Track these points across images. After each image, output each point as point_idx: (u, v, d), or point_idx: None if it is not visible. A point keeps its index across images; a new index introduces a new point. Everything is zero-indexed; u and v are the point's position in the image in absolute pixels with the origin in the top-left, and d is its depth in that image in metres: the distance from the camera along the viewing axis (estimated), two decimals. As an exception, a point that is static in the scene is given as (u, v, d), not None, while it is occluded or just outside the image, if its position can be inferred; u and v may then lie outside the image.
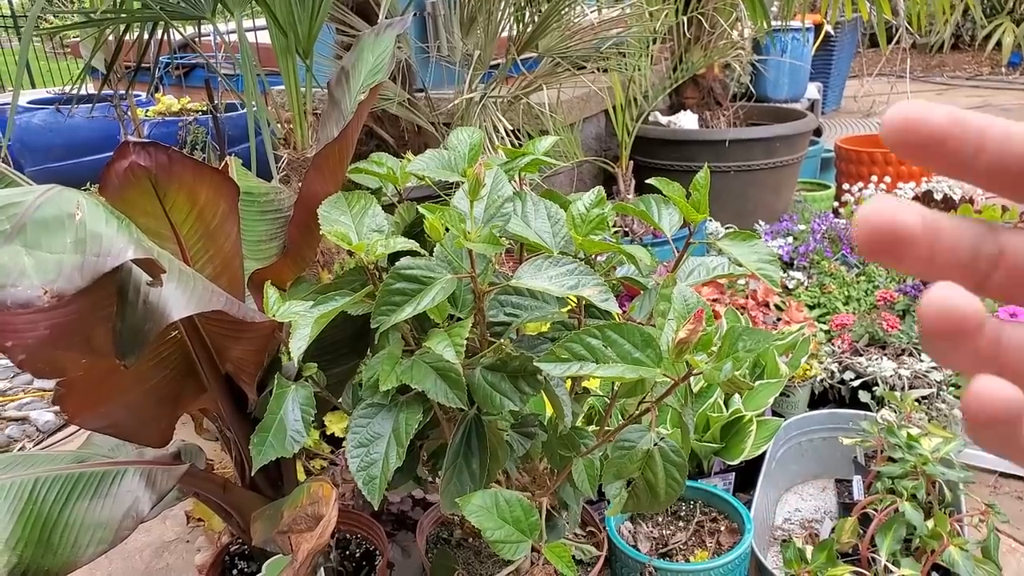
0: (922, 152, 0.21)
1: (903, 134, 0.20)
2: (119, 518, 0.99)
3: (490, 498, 0.95)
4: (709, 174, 1.01)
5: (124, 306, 0.59)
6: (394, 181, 1.05)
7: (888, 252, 0.21)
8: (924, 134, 0.20)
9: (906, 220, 0.20)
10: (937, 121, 0.20)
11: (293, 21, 1.48)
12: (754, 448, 1.56)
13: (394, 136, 2.11)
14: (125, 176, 0.85)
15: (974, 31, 7.38)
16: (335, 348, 1.15)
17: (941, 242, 0.21)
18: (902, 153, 0.21)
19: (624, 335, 0.80)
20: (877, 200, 0.21)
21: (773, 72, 4.47)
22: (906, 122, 0.20)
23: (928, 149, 0.20)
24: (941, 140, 0.20)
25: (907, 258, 0.21)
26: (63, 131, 3.39)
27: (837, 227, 2.59)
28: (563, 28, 2.01)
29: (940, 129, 0.20)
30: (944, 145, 0.20)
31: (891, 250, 0.21)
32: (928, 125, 0.20)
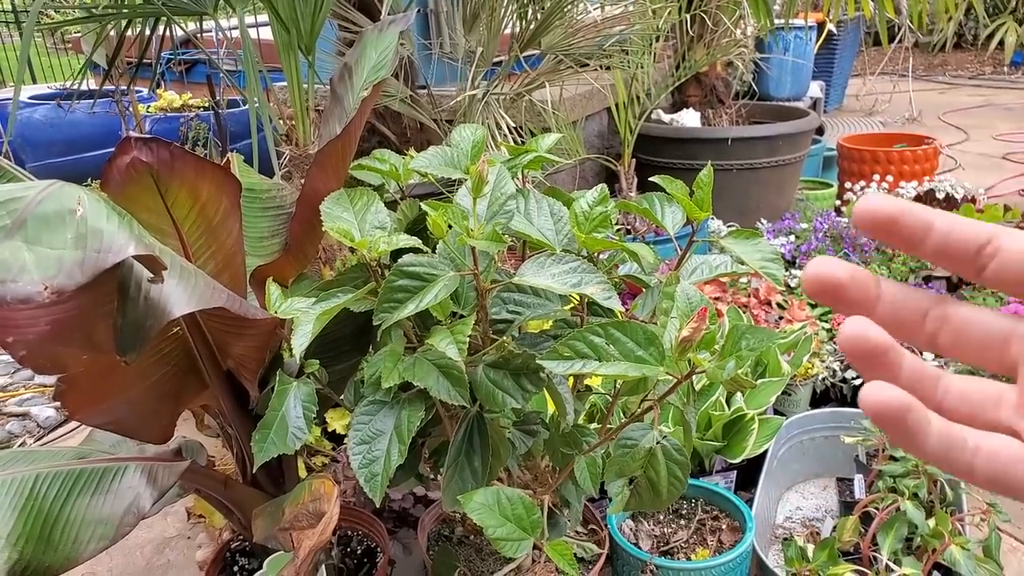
0: (881, 233, 0.27)
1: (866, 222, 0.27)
2: (120, 514, 0.99)
3: (492, 496, 0.95)
4: (712, 172, 1.01)
5: (125, 302, 0.59)
6: (396, 178, 1.05)
7: (824, 297, 0.27)
8: (881, 220, 0.27)
9: (835, 273, 0.27)
10: (889, 211, 0.26)
11: (296, 17, 1.47)
12: (756, 446, 1.56)
13: (396, 133, 2.11)
14: (127, 172, 0.85)
15: (977, 30, 7.37)
16: (337, 345, 1.15)
17: (883, 301, 0.27)
18: (869, 233, 0.27)
19: (627, 333, 0.80)
20: (819, 258, 0.27)
21: (776, 70, 4.46)
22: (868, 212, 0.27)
23: (885, 231, 0.27)
24: (893, 226, 0.26)
25: (844, 306, 0.27)
26: (64, 127, 3.38)
27: (839, 226, 2.59)
28: (566, 25, 2.01)
29: (892, 217, 0.26)
30: (897, 228, 0.26)
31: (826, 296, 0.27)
32: (883, 214, 0.26)
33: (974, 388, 0.27)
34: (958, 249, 0.26)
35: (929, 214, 0.26)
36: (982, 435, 0.26)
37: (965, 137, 4.91)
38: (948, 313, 0.27)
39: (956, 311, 0.27)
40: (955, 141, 4.78)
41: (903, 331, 0.28)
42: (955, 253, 0.26)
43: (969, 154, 4.51)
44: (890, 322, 0.27)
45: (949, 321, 0.27)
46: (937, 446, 0.25)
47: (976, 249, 0.26)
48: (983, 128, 5.09)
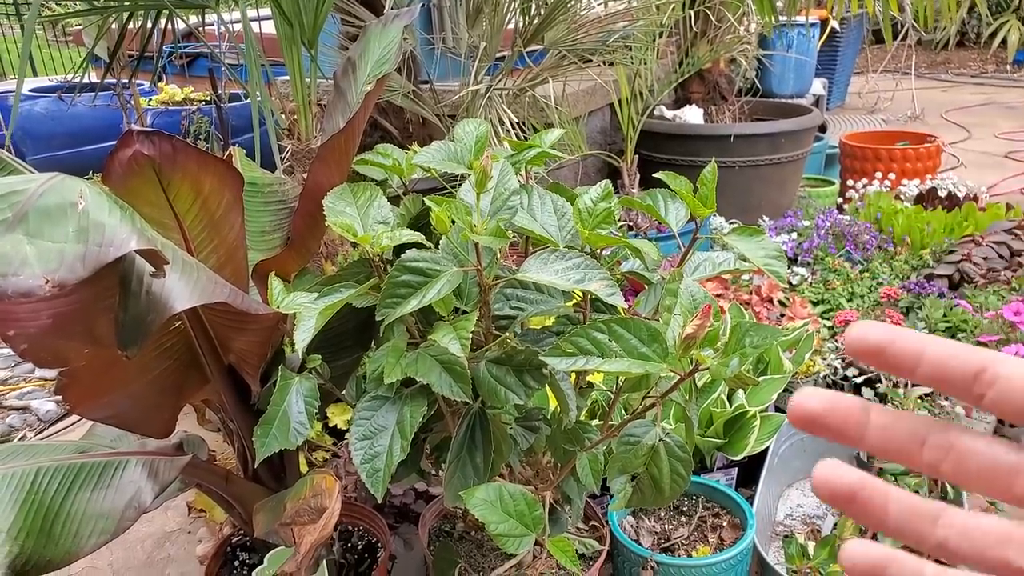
0: (872, 361, 0.27)
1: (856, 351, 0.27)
2: (121, 508, 0.98)
3: (494, 492, 0.95)
4: (716, 169, 1.00)
5: (127, 297, 0.59)
6: (400, 173, 1.05)
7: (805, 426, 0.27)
8: (871, 350, 0.27)
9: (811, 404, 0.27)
10: (877, 341, 0.26)
11: (298, 11, 1.47)
12: (757, 444, 1.56)
13: (398, 128, 2.10)
14: (129, 165, 0.85)
15: (979, 28, 7.35)
16: (339, 340, 1.14)
17: (872, 429, 0.27)
18: (861, 360, 0.27)
19: (630, 330, 0.79)
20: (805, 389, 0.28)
21: (778, 67, 4.45)
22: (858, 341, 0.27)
23: (875, 360, 0.27)
24: (882, 356, 0.27)
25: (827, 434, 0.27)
26: (65, 119, 3.38)
27: (841, 223, 2.58)
28: (569, 21, 2.00)
29: (880, 347, 0.26)
30: (886, 357, 0.27)
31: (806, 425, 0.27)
32: (872, 343, 0.27)
33: (978, 525, 0.26)
34: (952, 378, 0.26)
35: (920, 342, 0.26)
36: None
37: (967, 135, 4.90)
38: (951, 442, 0.26)
39: (960, 440, 0.26)
40: (957, 139, 4.77)
41: (899, 458, 0.27)
42: (950, 381, 0.26)
43: (971, 152, 4.50)
44: (883, 450, 0.27)
45: (952, 451, 0.26)
46: None
47: (972, 377, 0.26)
48: (985, 126, 5.08)
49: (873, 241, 2.50)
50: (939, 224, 2.53)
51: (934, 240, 2.49)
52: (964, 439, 0.26)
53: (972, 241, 2.35)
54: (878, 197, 2.80)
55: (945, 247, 2.42)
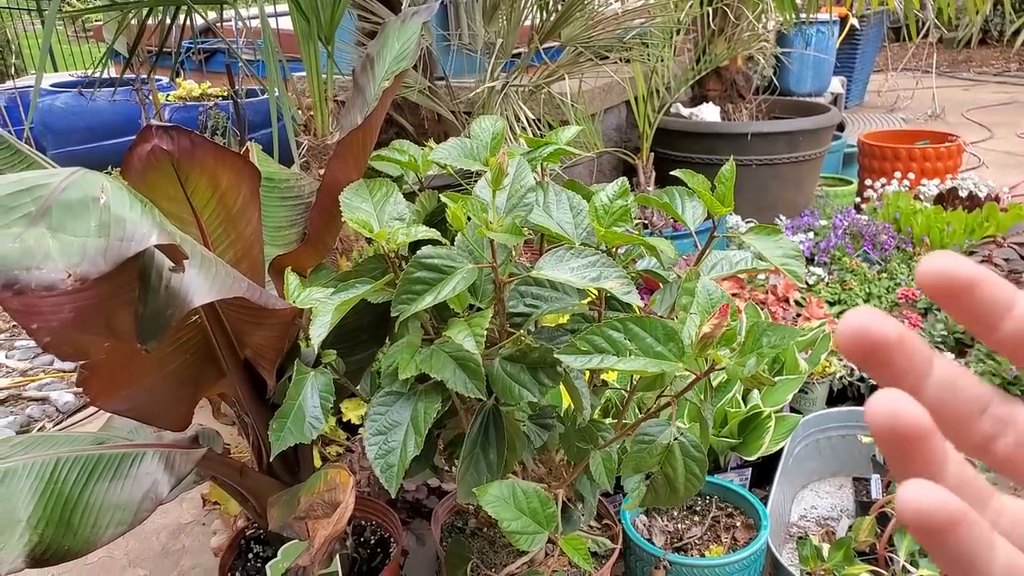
0: (952, 301, 0.21)
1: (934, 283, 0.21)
2: (138, 500, 0.99)
3: (507, 489, 0.95)
4: (735, 168, 0.99)
5: (146, 291, 0.59)
6: (416, 169, 1.05)
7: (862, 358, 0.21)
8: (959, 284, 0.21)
9: (883, 330, 0.21)
10: (968, 276, 0.21)
11: (316, 7, 1.47)
12: (772, 444, 1.55)
13: (414, 124, 2.11)
14: (147, 160, 0.85)
15: (1003, 26, 7.24)
16: (354, 336, 1.15)
17: (934, 380, 0.21)
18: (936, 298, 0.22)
19: (646, 328, 0.79)
20: (864, 309, 0.21)
21: (797, 65, 4.41)
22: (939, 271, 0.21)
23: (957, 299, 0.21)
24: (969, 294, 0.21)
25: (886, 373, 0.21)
26: (85, 114, 3.41)
27: (859, 223, 2.56)
28: (586, 17, 1.99)
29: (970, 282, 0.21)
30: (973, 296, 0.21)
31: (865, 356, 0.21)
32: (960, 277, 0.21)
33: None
34: None
35: (1014, 291, 0.21)
36: None
37: (989, 135, 4.84)
38: (1016, 415, 0.22)
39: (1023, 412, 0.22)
40: (979, 139, 4.71)
41: (952, 425, 0.22)
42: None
43: (993, 152, 4.44)
44: (938, 409, 0.22)
45: (1015, 425, 0.22)
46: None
47: None
48: (1008, 126, 5.01)
49: (891, 241, 2.47)
50: (959, 225, 2.50)
51: (954, 241, 2.46)
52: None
53: (993, 242, 2.32)
54: (897, 197, 2.77)
55: (965, 248, 2.39)
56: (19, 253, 0.52)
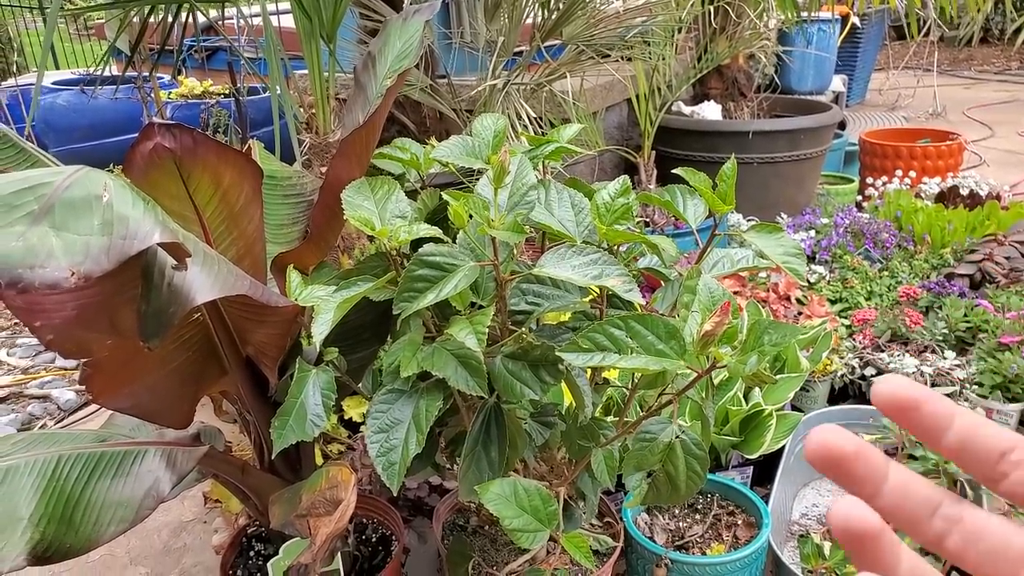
0: (901, 418, 0.26)
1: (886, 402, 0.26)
2: (140, 497, 1.00)
3: (509, 486, 0.95)
4: (736, 166, 0.99)
5: (149, 289, 0.59)
6: (417, 167, 1.05)
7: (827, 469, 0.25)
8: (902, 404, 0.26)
9: (841, 446, 0.25)
10: (913, 396, 0.25)
11: (318, 5, 1.47)
12: (773, 442, 1.55)
13: (416, 122, 2.11)
14: (150, 157, 0.85)
15: (1004, 24, 7.23)
16: (356, 333, 1.15)
17: (890, 485, 0.26)
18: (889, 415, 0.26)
19: (648, 326, 0.79)
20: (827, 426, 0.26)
21: (798, 63, 4.41)
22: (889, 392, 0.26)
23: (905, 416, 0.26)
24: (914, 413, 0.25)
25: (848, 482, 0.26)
26: (87, 112, 3.41)
27: (860, 221, 2.56)
28: (588, 16, 1.99)
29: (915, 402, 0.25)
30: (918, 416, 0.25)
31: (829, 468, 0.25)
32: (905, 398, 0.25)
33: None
34: (979, 451, 0.25)
35: (952, 408, 0.25)
36: None
37: (990, 133, 4.83)
38: (963, 515, 0.25)
39: (973, 514, 0.25)
40: (980, 137, 4.71)
41: (908, 524, 0.26)
42: (975, 454, 0.25)
43: (994, 150, 4.44)
44: (894, 511, 0.26)
45: (962, 524, 0.25)
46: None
47: (999, 455, 0.25)
48: (1009, 124, 5.01)
49: (892, 240, 2.47)
50: (960, 223, 2.50)
51: (955, 239, 2.46)
52: (977, 514, 0.25)
53: (994, 240, 2.32)
54: (898, 195, 2.77)
55: (966, 246, 2.39)
56: (22, 251, 0.52)
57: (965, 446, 0.25)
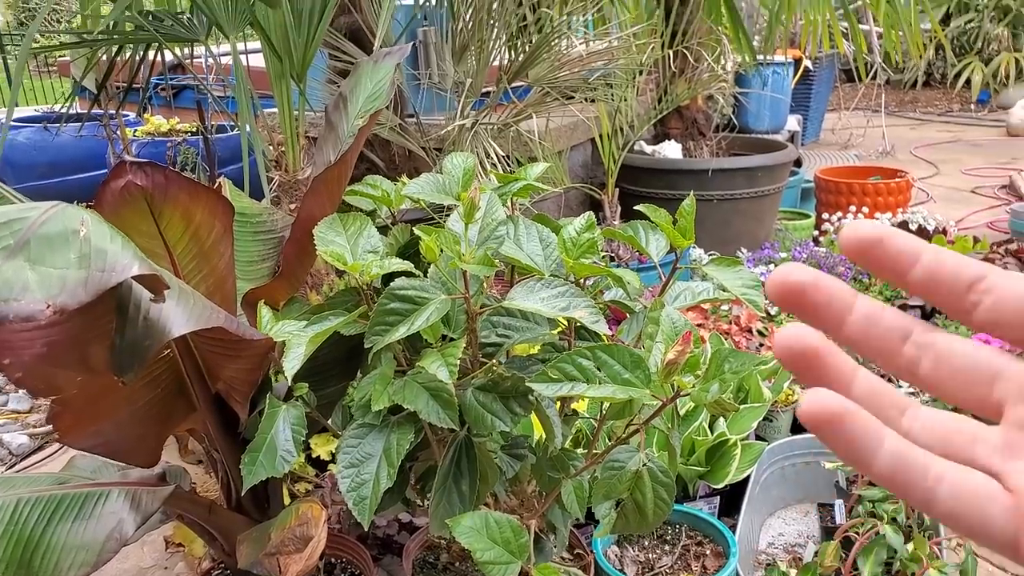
0: (867, 258, 0.25)
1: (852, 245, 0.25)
2: (102, 540, 0.98)
3: (480, 519, 0.95)
4: (695, 201, 1.03)
5: (124, 323, 0.60)
6: (388, 203, 1.07)
7: (786, 302, 0.25)
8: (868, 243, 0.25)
9: (798, 276, 0.25)
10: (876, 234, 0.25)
11: (289, 46, 1.50)
12: (738, 472, 1.58)
13: (385, 160, 2.13)
14: (121, 195, 0.86)
15: (945, 69, 7.61)
16: (325, 369, 1.15)
17: (856, 314, 0.25)
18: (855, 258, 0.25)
19: (614, 356, 0.81)
20: (787, 264, 0.25)
21: (754, 104, 4.57)
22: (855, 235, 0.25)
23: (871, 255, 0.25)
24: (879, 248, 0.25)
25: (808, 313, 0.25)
26: (49, 149, 3.37)
27: (817, 255, 2.64)
28: (553, 59, 2.06)
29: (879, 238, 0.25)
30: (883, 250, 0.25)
31: (787, 301, 0.25)
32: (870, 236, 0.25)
33: (945, 420, 0.25)
34: (947, 281, 0.24)
35: (918, 242, 0.25)
36: (950, 465, 0.24)
37: (936, 171, 5.05)
38: (935, 340, 0.25)
39: (944, 339, 0.25)
40: (926, 175, 4.91)
41: (878, 351, 0.25)
42: (944, 285, 0.24)
43: (940, 187, 4.63)
44: (863, 338, 0.25)
45: (933, 348, 0.25)
46: (888, 465, 0.23)
47: (967, 284, 0.24)
48: (952, 163, 5.24)
49: (848, 273, 2.56)
50: (911, 257, 2.59)
51: (907, 272, 2.54)
52: (949, 339, 0.25)
53: (943, 273, 2.41)
54: (852, 230, 2.86)
55: (917, 279, 2.47)
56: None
57: (933, 278, 0.24)
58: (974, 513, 0.23)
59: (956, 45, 7.36)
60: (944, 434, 0.25)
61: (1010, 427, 0.24)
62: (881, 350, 0.25)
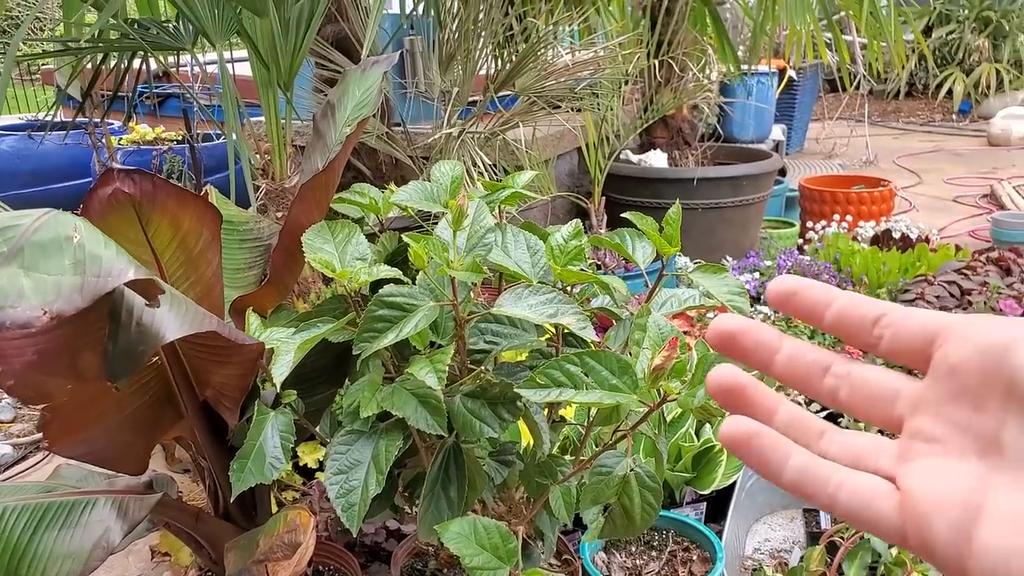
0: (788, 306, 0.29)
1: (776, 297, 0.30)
2: (89, 548, 0.97)
3: (468, 525, 0.96)
4: (680, 209, 1.05)
5: (117, 329, 0.60)
6: (376, 211, 1.08)
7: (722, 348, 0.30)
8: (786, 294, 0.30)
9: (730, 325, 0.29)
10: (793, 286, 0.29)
11: (276, 55, 1.50)
12: (724, 478, 1.59)
13: (371, 168, 2.14)
14: (108, 203, 0.86)
15: (927, 80, 7.72)
16: (313, 376, 1.15)
17: (782, 353, 0.30)
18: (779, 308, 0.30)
19: (601, 362, 0.82)
20: (723, 314, 0.30)
21: (739, 114, 4.62)
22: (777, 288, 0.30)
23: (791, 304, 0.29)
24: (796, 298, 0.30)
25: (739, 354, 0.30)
26: (32, 158, 3.35)
27: (802, 263, 2.67)
28: (539, 68, 2.08)
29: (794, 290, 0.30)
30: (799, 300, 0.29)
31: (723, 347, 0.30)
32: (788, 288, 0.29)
33: (856, 440, 0.29)
34: (854, 322, 0.28)
35: (829, 291, 0.29)
36: (850, 473, 0.28)
37: (918, 180, 5.12)
38: (850, 370, 0.29)
39: (858, 368, 0.29)
40: (909, 184, 4.98)
41: (803, 383, 0.29)
42: (852, 325, 0.28)
43: (922, 196, 4.69)
44: (789, 373, 0.29)
45: (849, 377, 0.29)
46: (794, 476, 0.28)
47: (871, 322, 0.28)
48: (935, 172, 5.31)
49: (833, 281, 2.59)
50: (894, 264, 2.63)
51: (890, 279, 2.58)
52: (862, 368, 0.29)
53: (925, 281, 2.45)
54: (836, 238, 2.90)
55: (900, 286, 2.51)
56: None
57: (842, 319, 0.29)
58: (868, 510, 0.27)
59: (938, 56, 7.49)
60: (856, 451, 0.28)
61: (904, 437, 0.28)
62: (805, 382, 0.29)
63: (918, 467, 0.27)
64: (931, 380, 0.27)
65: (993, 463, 0.25)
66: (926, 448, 0.27)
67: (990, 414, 0.26)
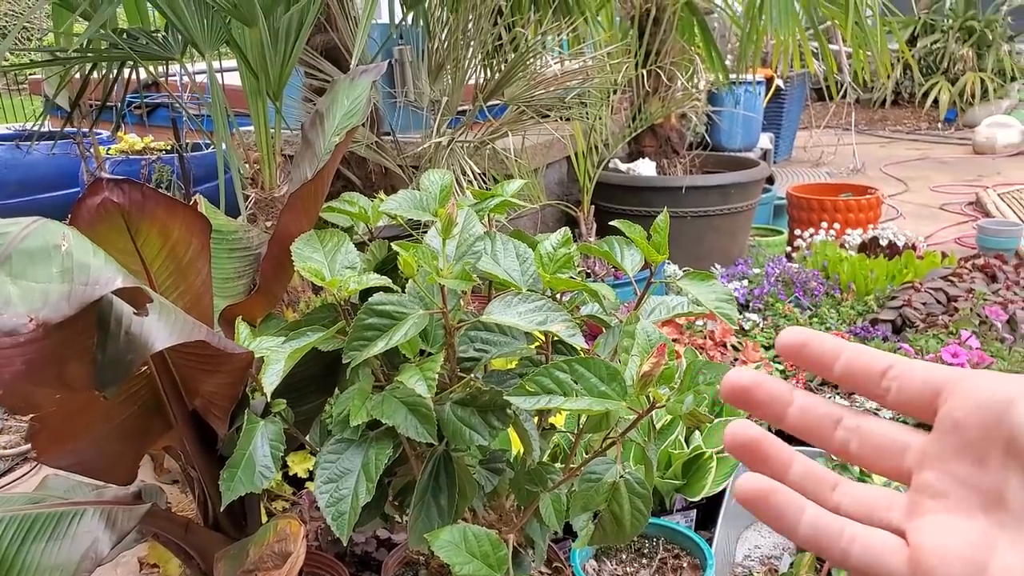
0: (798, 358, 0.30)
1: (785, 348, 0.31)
2: (77, 559, 0.96)
3: (458, 533, 0.96)
4: (668, 217, 1.06)
5: (105, 338, 0.60)
6: (366, 220, 1.08)
7: (736, 401, 0.30)
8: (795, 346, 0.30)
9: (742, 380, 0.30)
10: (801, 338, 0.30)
11: (265, 65, 1.51)
12: (714, 485, 1.60)
13: (361, 177, 2.14)
14: (97, 212, 0.86)
15: (913, 89, 7.80)
16: (302, 386, 1.15)
17: (795, 407, 0.30)
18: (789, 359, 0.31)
19: (591, 369, 0.83)
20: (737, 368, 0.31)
21: (727, 123, 4.66)
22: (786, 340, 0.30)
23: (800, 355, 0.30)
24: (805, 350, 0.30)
25: (754, 408, 0.31)
26: (18, 167, 3.34)
27: (790, 271, 2.69)
28: (528, 78, 2.09)
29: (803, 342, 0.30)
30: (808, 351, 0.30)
31: (738, 400, 0.30)
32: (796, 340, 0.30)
33: (868, 493, 0.30)
34: (862, 374, 0.29)
35: (838, 343, 0.30)
36: (863, 528, 0.28)
37: (905, 188, 5.17)
38: (859, 423, 0.30)
39: (867, 421, 0.30)
40: (896, 192, 5.02)
41: (816, 436, 0.30)
42: (859, 377, 0.29)
43: (909, 204, 4.74)
44: (802, 426, 0.30)
45: (859, 430, 0.30)
46: (808, 532, 0.28)
47: (879, 374, 0.29)
48: (921, 180, 5.37)
49: (821, 288, 2.61)
50: (881, 271, 2.66)
51: (877, 286, 2.60)
52: (872, 421, 0.30)
53: (912, 288, 2.47)
54: (824, 246, 2.93)
55: (888, 293, 2.53)
56: (-26, 302, 0.53)
57: (850, 371, 0.29)
58: (879, 566, 0.28)
59: (923, 65, 7.58)
60: (868, 503, 0.29)
61: (913, 491, 0.29)
62: (817, 435, 0.30)
63: (926, 523, 0.27)
64: (936, 434, 0.28)
65: (997, 519, 0.26)
66: (933, 504, 0.28)
67: (992, 470, 0.26)
